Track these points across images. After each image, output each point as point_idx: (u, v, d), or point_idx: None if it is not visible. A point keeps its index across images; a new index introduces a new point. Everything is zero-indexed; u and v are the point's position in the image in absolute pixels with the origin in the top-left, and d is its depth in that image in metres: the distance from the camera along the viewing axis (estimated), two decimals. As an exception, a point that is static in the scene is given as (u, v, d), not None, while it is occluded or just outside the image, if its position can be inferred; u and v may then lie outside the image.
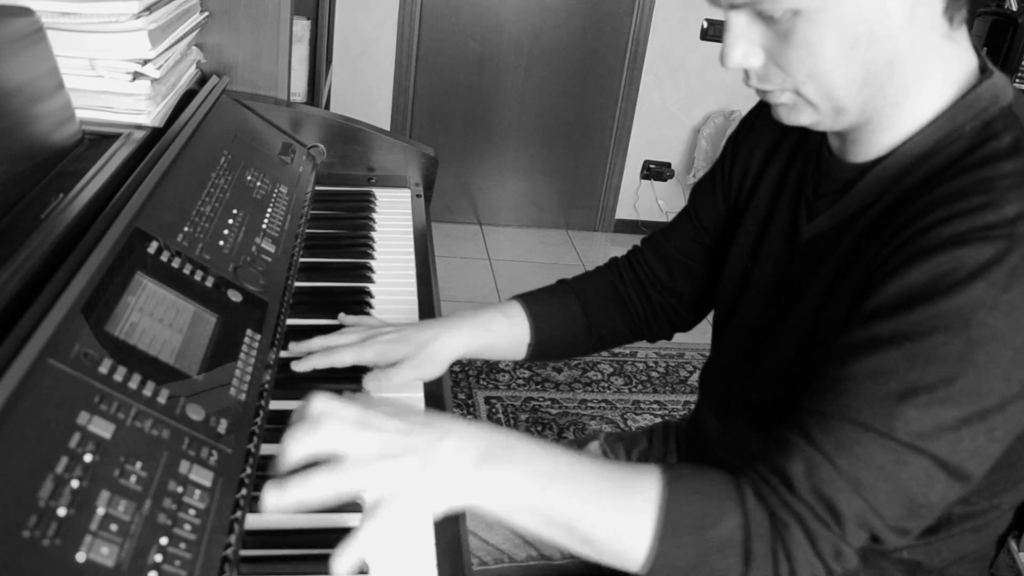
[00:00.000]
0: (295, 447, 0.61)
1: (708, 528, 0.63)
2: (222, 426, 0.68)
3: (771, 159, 0.87)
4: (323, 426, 0.62)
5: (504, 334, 0.95)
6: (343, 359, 0.86)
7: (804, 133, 0.84)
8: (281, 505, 0.59)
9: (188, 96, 1.17)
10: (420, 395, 0.89)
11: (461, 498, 0.62)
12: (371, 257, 1.16)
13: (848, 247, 0.73)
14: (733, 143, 0.94)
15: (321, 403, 0.63)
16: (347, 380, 0.87)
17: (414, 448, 0.61)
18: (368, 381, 0.84)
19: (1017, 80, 2.91)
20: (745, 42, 0.68)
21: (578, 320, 0.99)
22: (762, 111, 0.90)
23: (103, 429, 0.58)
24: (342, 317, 0.96)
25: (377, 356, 0.86)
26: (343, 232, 1.22)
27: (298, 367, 0.87)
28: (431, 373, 0.88)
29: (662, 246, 1.00)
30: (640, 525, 0.63)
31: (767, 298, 0.84)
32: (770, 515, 0.63)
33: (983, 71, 0.71)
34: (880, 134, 0.72)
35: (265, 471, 0.73)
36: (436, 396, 0.89)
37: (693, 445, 1.02)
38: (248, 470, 0.68)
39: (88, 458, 0.55)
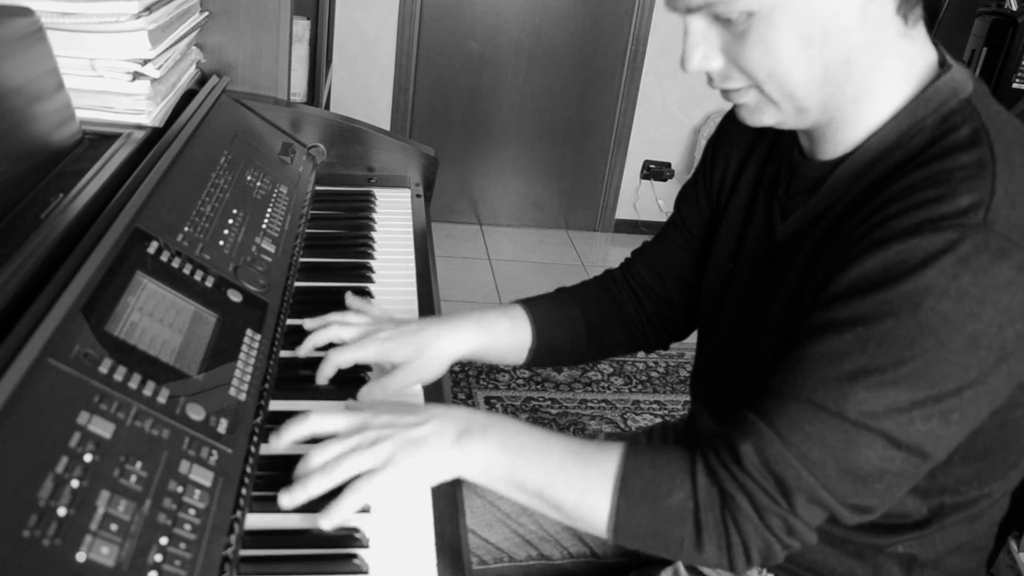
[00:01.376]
0: (289, 431, 0.72)
1: (661, 499, 0.68)
2: (222, 426, 0.68)
3: (748, 161, 0.88)
4: (314, 420, 0.72)
5: (506, 336, 0.95)
6: (345, 359, 0.86)
7: (777, 135, 0.85)
8: (294, 503, 0.68)
9: (188, 96, 1.17)
10: (419, 391, 0.89)
11: (444, 470, 0.70)
12: (371, 257, 1.16)
13: (815, 243, 0.74)
14: (712, 147, 0.94)
15: (315, 420, 0.73)
16: (348, 383, 0.87)
17: (399, 431, 0.70)
18: (365, 393, 0.84)
19: (1017, 80, 2.91)
20: (704, 46, 0.70)
21: (578, 326, 0.99)
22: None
23: (103, 429, 0.58)
24: (349, 298, 0.95)
25: (377, 355, 0.86)
26: (343, 232, 1.22)
27: (300, 352, 0.88)
28: (431, 376, 0.88)
29: (652, 256, 1.01)
30: (599, 495, 0.69)
31: (746, 299, 0.85)
32: (719, 488, 0.67)
33: (942, 65, 0.72)
34: (844, 131, 0.73)
35: (265, 471, 0.73)
36: (437, 399, 0.89)
37: (688, 445, 1.02)
38: (248, 470, 0.68)
39: (88, 458, 0.55)
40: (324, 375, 0.86)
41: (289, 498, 0.67)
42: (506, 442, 0.71)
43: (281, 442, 0.72)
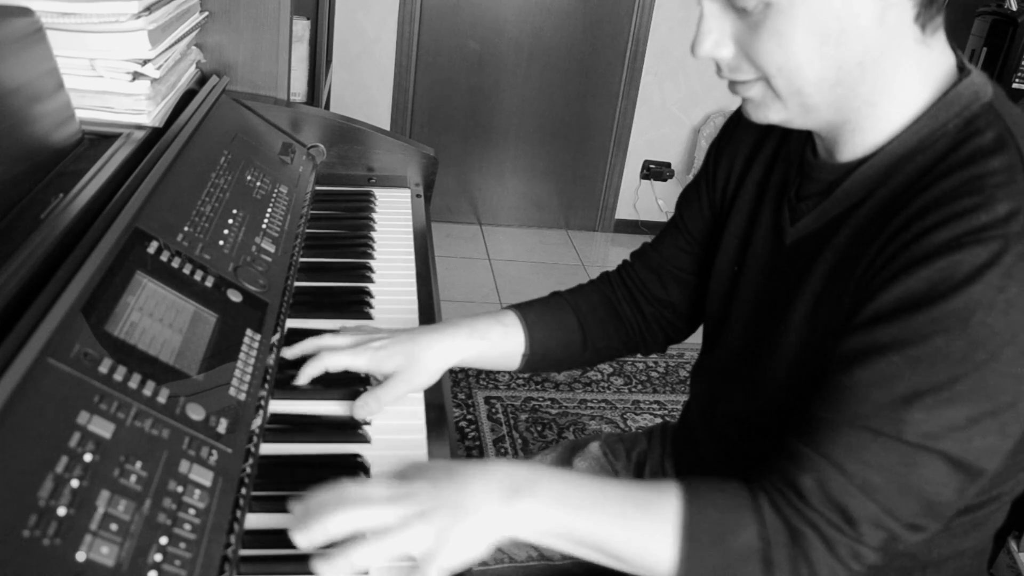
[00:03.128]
0: (329, 529, 0.63)
1: (728, 539, 0.66)
2: (222, 426, 0.68)
3: (752, 162, 0.88)
4: (354, 507, 0.64)
5: (499, 343, 0.94)
6: (336, 362, 0.85)
7: (785, 135, 0.84)
8: (312, 545, 0.63)
9: (188, 96, 1.17)
10: (419, 396, 0.89)
11: (496, 535, 0.66)
12: (371, 257, 1.16)
13: (840, 248, 0.73)
14: (716, 148, 0.94)
15: (352, 490, 0.66)
16: (345, 379, 0.87)
17: (443, 502, 0.65)
18: (359, 408, 0.83)
19: (1017, 80, 2.91)
20: (717, 32, 0.69)
21: (573, 332, 0.99)
22: (743, 115, 0.90)
23: (103, 429, 0.58)
24: (343, 326, 0.95)
25: (369, 364, 0.86)
26: (343, 232, 1.22)
27: (298, 381, 0.85)
28: (424, 384, 0.87)
29: (652, 259, 1.00)
30: (663, 541, 0.67)
31: (757, 303, 0.84)
32: (786, 524, 0.66)
33: (961, 70, 0.71)
34: (861, 134, 0.72)
35: (266, 471, 0.73)
36: (436, 399, 0.89)
37: (681, 443, 1.02)
38: (248, 470, 0.68)
39: (88, 458, 0.55)
40: (308, 374, 0.85)
41: (307, 539, 0.63)
42: (559, 497, 0.68)
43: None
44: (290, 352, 0.87)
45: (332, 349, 0.86)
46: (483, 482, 0.67)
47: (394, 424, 0.83)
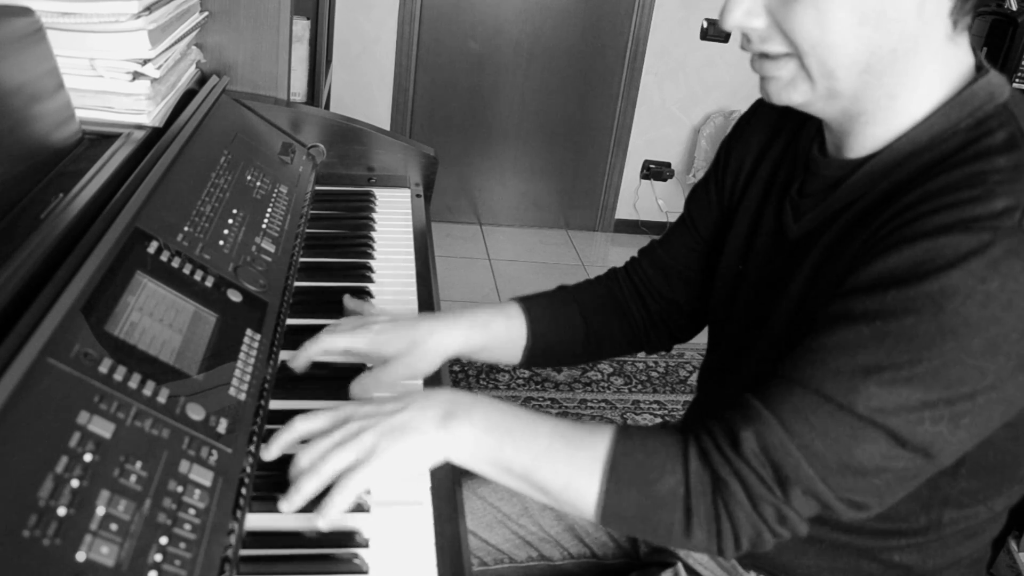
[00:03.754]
0: (277, 440, 0.71)
1: (651, 484, 0.67)
2: (222, 426, 0.68)
3: (761, 161, 0.87)
4: (298, 423, 0.71)
5: (501, 335, 0.93)
6: (335, 343, 0.84)
7: (794, 134, 0.84)
8: (293, 507, 0.67)
9: (188, 96, 1.17)
10: (419, 384, 0.88)
11: (430, 454, 0.69)
12: (371, 257, 1.16)
13: (831, 240, 0.73)
14: (726, 148, 0.93)
15: (299, 423, 0.72)
16: (345, 379, 0.87)
17: (381, 419, 0.69)
18: (356, 387, 0.83)
19: (1017, 80, 2.91)
20: (749, 1, 0.67)
21: (576, 327, 0.98)
22: (755, 114, 0.90)
23: (103, 429, 0.58)
24: (346, 299, 0.95)
25: (369, 346, 0.85)
26: (343, 232, 1.22)
27: (293, 363, 0.85)
28: (424, 370, 0.87)
29: (660, 256, 0.99)
30: (589, 479, 0.68)
31: (757, 298, 0.84)
32: (712, 473, 0.66)
33: (979, 70, 0.71)
34: (874, 127, 0.71)
35: (265, 471, 0.73)
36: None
37: (681, 429, 1.02)
38: (248, 470, 0.68)
39: (88, 458, 0.55)
40: (306, 355, 0.84)
41: (287, 503, 0.67)
42: (492, 424, 0.70)
43: (271, 452, 0.71)
44: (295, 362, 0.86)
45: (332, 331, 0.86)
46: (422, 405, 0.70)
47: (394, 424, 0.83)
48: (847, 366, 0.63)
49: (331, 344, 0.84)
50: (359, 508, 0.71)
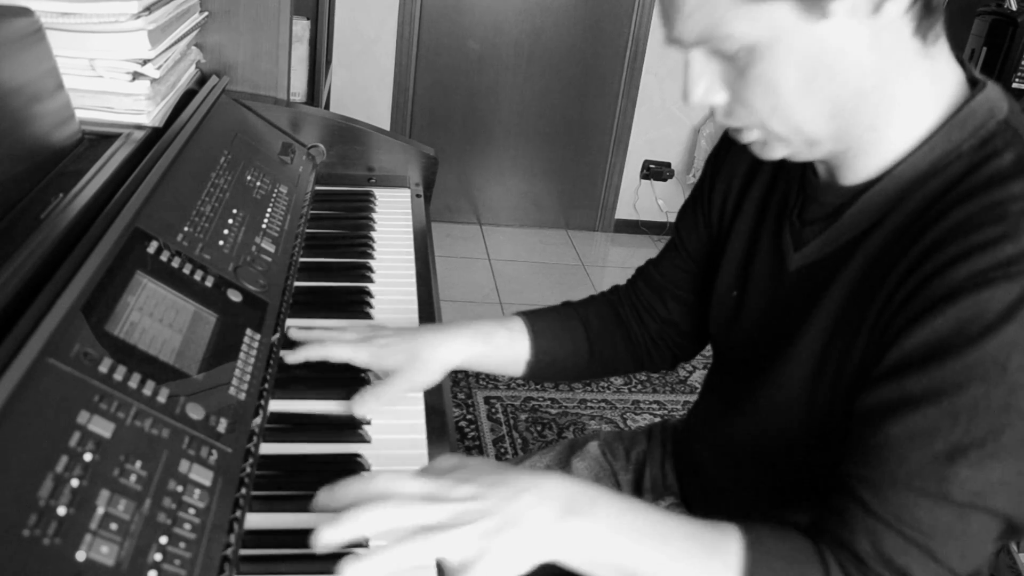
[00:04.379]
0: (361, 526, 0.59)
1: None
2: (222, 425, 0.68)
3: (752, 179, 0.85)
4: (388, 504, 0.59)
5: (503, 347, 0.93)
6: (337, 352, 0.85)
7: None
8: (330, 545, 0.59)
9: (188, 96, 1.17)
10: (419, 394, 0.88)
11: (544, 553, 0.60)
12: (371, 257, 1.16)
13: (852, 279, 0.70)
14: (712, 164, 0.91)
15: (383, 482, 0.61)
16: (341, 384, 0.87)
17: (489, 511, 0.59)
18: (357, 404, 0.81)
19: (1017, 80, 2.91)
20: (707, 79, 0.66)
21: (579, 343, 0.97)
22: None
23: (103, 428, 0.58)
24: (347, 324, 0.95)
25: (371, 358, 0.85)
26: (343, 232, 1.22)
27: (290, 358, 0.85)
28: (425, 383, 0.86)
29: (654, 277, 0.98)
30: None
31: (760, 331, 0.82)
32: None
33: (973, 83, 0.68)
34: (865, 158, 0.69)
35: (265, 471, 0.73)
36: (436, 399, 0.89)
37: (682, 446, 1.01)
38: (248, 469, 0.68)
39: (88, 457, 0.55)
40: (305, 355, 0.84)
41: (336, 536, 0.58)
42: (619, 523, 0.62)
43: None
44: (291, 353, 0.85)
45: (337, 340, 0.86)
46: (536, 495, 0.61)
47: (394, 424, 0.83)
48: (927, 455, 0.59)
49: (333, 353, 0.85)
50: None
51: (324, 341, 0.86)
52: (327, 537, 0.58)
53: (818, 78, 0.62)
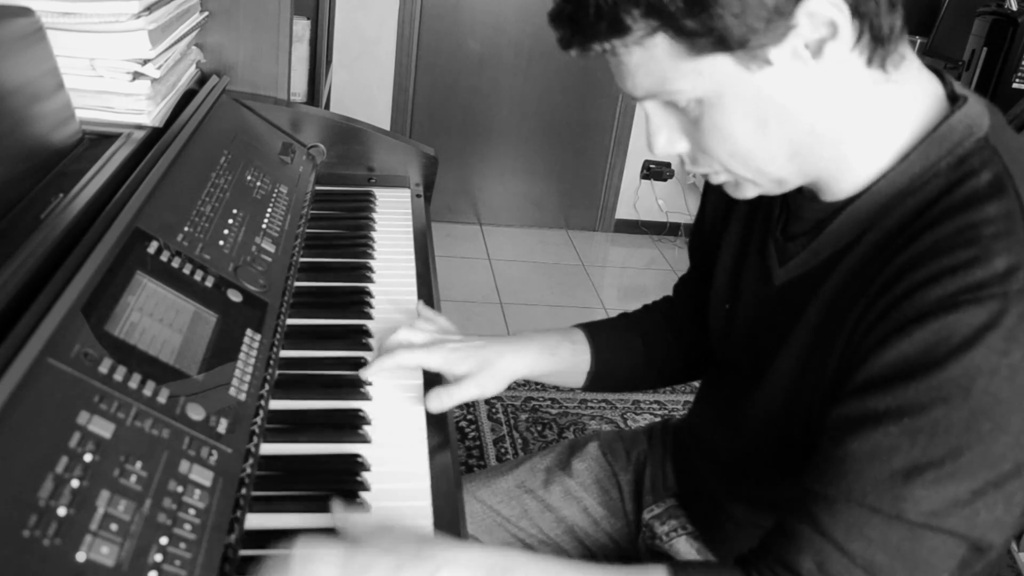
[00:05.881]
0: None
1: None
2: (222, 426, 0.68)
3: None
4: (308, 572, 0.60)
5: (568, 360, 0.94)
6: (410, 359, 0.86)
7: None
8: None
9: (188, 96, 1.17)
10: (419, 384, 0.88)
11: None
12: (371, 257, 1.16)
13: (829, 295, 0.70)
14: (706, 180, 0.91)
15: (304, 548, 0.60)
16: (342, 384, 0.87)
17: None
18: (431, 399, 0.84)
19: (1017, 80, 2.91)
20: (666, 130, 0.67)
21: (637, 353, 0.98)
22: None
23: (103, 429, 0.58)
24: (420, 307, 0.98)
25: (442, 364, 0.87)
26: (343, 232, 1.22)
27: (366, 374, 0.87)
28: (492, 390, 0.88)
29: (690, 291, 0.99)
30: None
31: (748, 344, 0.82)
32: None
33: (954, 99, 0.67)
34: (839, 182, 0.69)
35: (265, 471, 0.73)
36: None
37: (680, 447, 1.01)
38: (248, 470, 0.68)
39: (88, 458, 0.55)
40: (380, 368, 0.86)
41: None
42: None
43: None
44: (366, 373, 0.87)
45: (408, 348, 0.87)
46: (453, 571, 0.61)
47: (394, 424, 0.83)
48: (885, 472, 0.59)
49: (406, 361, 0.86)
50: (358, 507, 0.71)
51: (393, 351, 0.87)
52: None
53: (769, 123, 0.63)
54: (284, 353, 0.89)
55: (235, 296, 0.84)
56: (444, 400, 0.84)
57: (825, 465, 0.63)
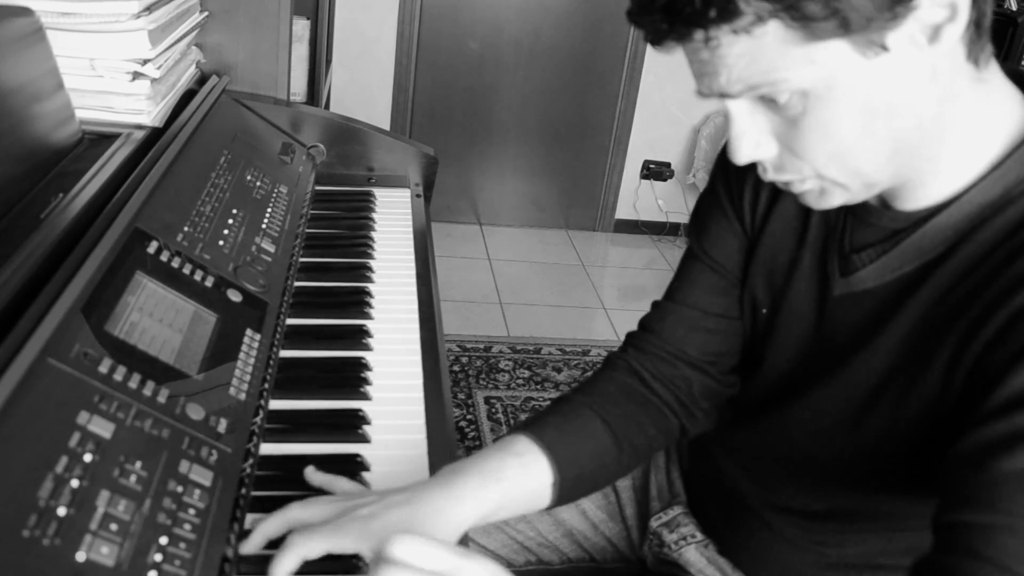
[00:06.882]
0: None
1: None
2: (222, 425, 0.68)
3: (780, 193, 0.79)
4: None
5: (520, 480, 0.74)
6: (314, 548, 0.63)
7: None
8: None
9: (188, 96, 1.17)
10: (419, 382, 0.88)
11: None
12: (371, 257, 1.16)
13: (924, 306, 0.67)
14: (736, 174, 0.82)
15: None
16: (342, 384, 0.87)
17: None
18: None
19: (1017, 80, 2.91)
20: (754, 132, 0.62)
21: (602, 439, 0.80)
22: None
23: (103, 429, 0.58)
24: (309, 474, 0.73)
25: (358, 542, 0.64)
26: (343, 232, 1.22)
27: (248, 547, 0.65)
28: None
29: (682, 315, 0.85)
30: None
31: (801, 354, 0.79)
32: None
33: None
34: (925, 188, 0.66)
35: (265, 471, 0.73)
36: (436, 399, 0.88)
37: (695, 453, 1.00)
38: (248, 470, 0.68)
39: (88, 458, 0.55)
40: (285, 570, 0.62)
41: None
42: None
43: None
44: (248, 545, 0.65)
45: (305, 533, 0.64)
46: None
47: (394, 424, 0.83)
48: None
49: (308, 550, 0.63)
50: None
51: (289, 543, 0.63)
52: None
53: (879, 117, 0.59)
54: (284, 353, 0.89)
55: (235, 296, 0.84)
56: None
57: (969, 494, 0.57)
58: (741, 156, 0.63)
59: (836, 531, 0.81)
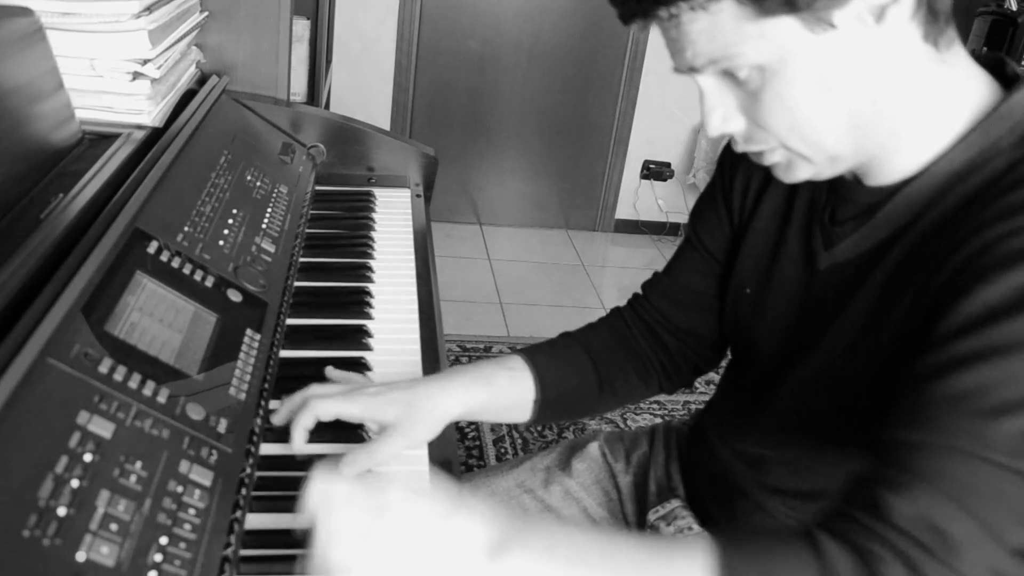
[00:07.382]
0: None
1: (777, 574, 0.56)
2: (222, 426, 0.68)
3: (772, 179, 0.82)
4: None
5: (506, 388, 0.87)
6: (326, 409, 0.77)
7: None
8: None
9: (188, 96, 1.17)
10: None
11: None
12: (371, 257, 1.16)
13: (887, 272, 0.70)
14: (731, 159, 0.88)
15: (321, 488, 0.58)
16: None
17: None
18: (348, 464, 0.74)
19: (1017, 80, 2.90)
20: (722, 107, 0.67)
21: (587, 372, 0.91)
22: None
23: (103, 429, 0.58)
24: (329, 371, 0.87)
25: (363, 411, 0.78)
26: (343, 232, 1.22)
27: (276, 418, 0.79)
28: (424, 437, 0.80)
29: (669, 287, 0.93)
30: None
31: (786, 330, 0.81)
32: (853, 548, 0.55)
33: (1012, 81, 0.68)
34: (890, 163, 0.69)
35: (265, 471, 0.73)
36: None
37: (695, 446, 1.01)
38: (248, 470, 0.68)
39: (88, 458, 0.55)
40: (302, 426, 0.76)
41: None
42: (556, 547, 0.58)
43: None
44: (277, 417, 0.79)
45: (321, 396, 0.78)
46: (467, 517, 0.58)
47: (394, 424, 0.83)
48: (974, 412, 0.56)
49: (322, 410, 0.77)
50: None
51: (307, 402, 0.77)
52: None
53: (831, 91, 0.63)
54: (284, 353, 0.89)
55: (235, 296, 0.84)
56: (363, 461, 0.74)
57: (907, 415, 0.60)
58: (712, 129, 0.68)
59: None
